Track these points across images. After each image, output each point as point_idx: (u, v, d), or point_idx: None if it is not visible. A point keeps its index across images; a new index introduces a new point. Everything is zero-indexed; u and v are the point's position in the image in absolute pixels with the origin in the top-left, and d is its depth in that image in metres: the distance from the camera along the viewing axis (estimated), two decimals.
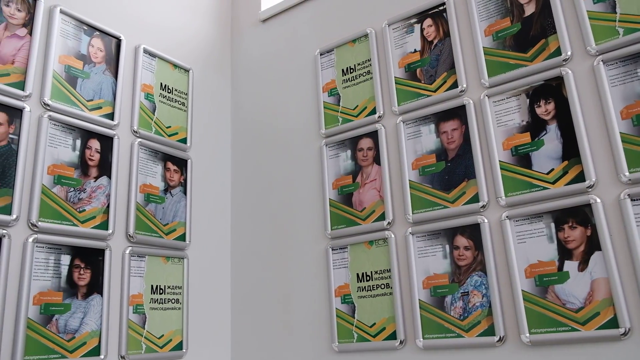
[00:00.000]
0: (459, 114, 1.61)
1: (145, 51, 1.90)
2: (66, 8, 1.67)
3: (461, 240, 1.53)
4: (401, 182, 1.67)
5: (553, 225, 1.39)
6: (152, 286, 1.72)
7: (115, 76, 1.78)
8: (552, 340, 1.33)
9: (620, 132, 1.34)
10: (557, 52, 1.47)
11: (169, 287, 1.77)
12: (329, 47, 1.96)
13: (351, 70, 1.89)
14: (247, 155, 2.12)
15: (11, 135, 1.46)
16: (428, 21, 1.75)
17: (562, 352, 1.32)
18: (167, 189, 1.86)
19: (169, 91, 1.97)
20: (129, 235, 1.68)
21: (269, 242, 1.95)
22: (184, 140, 1.97)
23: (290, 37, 2.12)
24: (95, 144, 1.66)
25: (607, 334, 1.27)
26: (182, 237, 1.85)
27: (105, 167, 1.67)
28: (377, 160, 1.74)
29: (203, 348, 1.84)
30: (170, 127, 1.93)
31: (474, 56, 1.63)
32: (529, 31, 1.54)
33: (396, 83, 1.76)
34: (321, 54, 1.98)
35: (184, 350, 1.76)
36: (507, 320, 1.41)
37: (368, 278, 1.67)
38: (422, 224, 1.60)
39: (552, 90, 1.47)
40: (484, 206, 1.50)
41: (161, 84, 1.94)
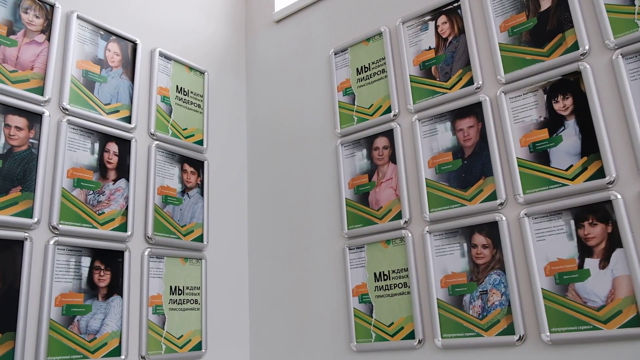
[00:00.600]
0: (475, 111, 1.60)
1: (161, 54, 1.92)
2: (83, 13, 1.69)
3: (479, 239, 1.51)
4: (417, 181, 1.66)
5: (573, 222, 1.37)
6: (171, 287, 1.74)
7: (132, 80, 1.80)
8: (573, 340, 1.31)
9: None
10: (575, 47, 1.45)
11: (187, 288, 1.79)
12: (343, 46, 1.96)
13: (366, 69, 1.88)
14: (263, 155, 2.13)
15: (31, 140, 1.48)
16: (442, 18, 1.73)
17: (584, 352, 1.30)
18: (185, 190, 1.87)
19: (184, 93, 1.98)
20: (148, 236, 1.70)
21: (286, 242, 1.96)
22: (200, 142, 1.98)
23: (304, 37, 2.12)
24: (113, 147, 1.68)
25: (629, 332, 1.25)
26: (200, 238, 1.87)
27: (123, 170, 1.69)
28: (392, 159, 1.74)
29: (222, 348, 1.85)
30: (186, 129, 1.95)
31: (489, 52, 1.61)
32: (545, 26, 1.52)
33: (411, 81, 1.75)
34: (335, 54, 1.98)
35: (203, 351, 1.77)
36: (527, 319, 1.39)
37: (385, 277, 1.67)
38: (439, 223, 1.59)
39: (570, 85, 1.44)
40: (501, 204, 1.49)
41: (177, 86, 1.96)
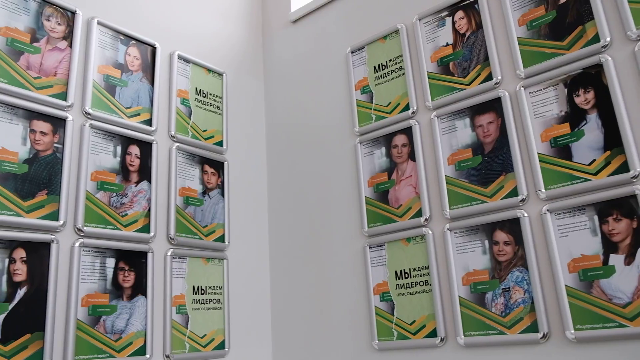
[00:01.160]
0: (494, 106, 1.58)
1: (180, 57, 1.95)
2: (103, 19, 1.72)
3: (501, 235, 1.50)
4: (437, 178, 1.66)
5: (596, 217, 1.35)
6: (193, 287, 1.76)
7: (152, 83, 1.82)
8: (598, 337, 1.29)
9: None
10: (596, 39, 1.43)
11: (209, 288, 1.81)
12: (359, 44, 1.96)
13: (383, 67, 1.88)
14: (282, 155, 2.14)
15: (56, 144, 1.51)
16: (459, 13, 1.72)
17: (610, 349, 1.28)
18: (205, 191, 1.89)
19: (203, 95, 2.00)
20: (170, 237, 1.72)
21: (307, 241, 1.96)
22: (220, 143, 2.00)
23: (320, 37, 2.12)
24: (135, 149, 1.71)
25: None
26: (221, 239, 1.89)
27: (145, 172, 1.72)
28: (412, 156, 1.73)
29: (245, 347, 1.87)
30: (206, 130, 1.97)
31: (508, 47, 1.59)
32: (564, 18, 1.50)
33: (429, 78, 1.74)
34: (352, 52, 1.98)
35: (226, 349, 1.79)
36: (551, 316, 1.38)
37: (406, 275, 1.66)
38: (460, 220, 1.58)
39: (591, 78, 1.42)
40: (523, 200, 1.47)
41: (196, 88, 1.98)
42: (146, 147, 1.74)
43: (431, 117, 1.70)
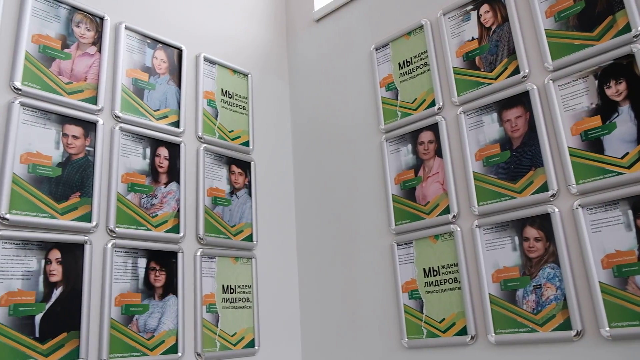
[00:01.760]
0: (522, 100, 1.56)
1: (206, 59, 1.97)
2: (130, 24, 1.75)
3: (531, 232, 1.47)
4: (465, 174, 1.64)
5: (630, 212, 1.32)
6: (223, 286, 1.78)
7: (179, 85, 1.85)
8: (635, 335, 1.26)
9: None
10: (627, 29, 1.39)
11: (239, 287, 1.83)
12: (384, 41, 1.95)
13: (408, 64, 1.87)
14: (308, 154, 2.15)
15: (87, 148, 1.55)
16: (485, 7, 1.70)
17: None
18: (233, 191, 1.91)
19: (229, 96, 2.02)
20: (199, 237, 1.75)
21: (334, 240, 1.97)
22: (246, 144, 2.02)
23: (344, 35, 2.12)
24: (163, 151, 1.74)
25: None
26: (250, 238, 1.91)
27: (174, 173, 1.74)
28: (438, 152, 1.72)
29: (274, 345, 1.88)
30: (232, 131, 1.99)
31: (535, 39, 1.56)
32: (594, 8, 1.46)
33: (455, 73, 1.72)
34: (376, 49, 1.97)
35: (256, 348, 1.81)
36: (585, 313, 1.35)
37: (435, 273, 1.65)
38: (489, 216, 1.56)
39: (623, 69, 1.38)
40: (553, 195, 1.44)
41: (222, 89, 2.00)
42: (174, 149, 1.77)
43: (457, 113, 1.68)
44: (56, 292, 1.40)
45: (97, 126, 1.58)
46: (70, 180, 1.49)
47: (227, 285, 1.79)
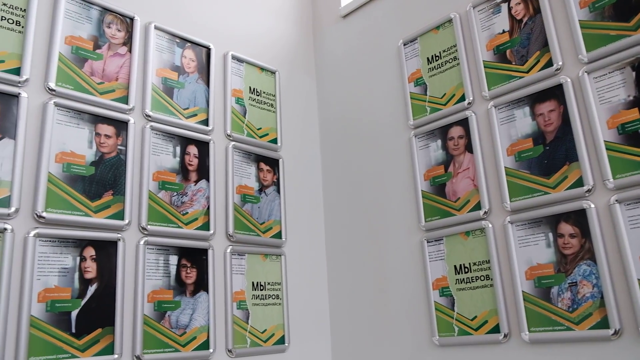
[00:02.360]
0: (555, 93, 1.52)
1: (234, 57, 1.98)
2: (160, 24, 1.77)
3: (566, 228, 1.44)
4: (496, 170, 1.61)
5: None
6: (252, 283, 1.79)
7: (207, 84, 1.86)
8: None
9: None
10: None
11: (268, 284, 1.83)
12: (412, 36, 1.93)
13: (436, 58, 1.84)
14: (337, 151, 2.14)
15: (119, 147, 1.58)
16: None
17: None
18: (262, 188, 1.92)
19: (257, 94, 2.03)
20: (229, 234, 1.76)
21: (363, 236, 1.96)
22: (274, 141, 2.02)
23: (371, 30, 2.10)
24: (193, 149, 1.75)
25: None
26: (279, 235, 1.91)
27: (203, 171, 1.76)
28: (469, 148, 1.69)
29: (304, 342, 1.89)
30: (260, 128, 1.99)
31: (569, 31, 1.53)
32: None
33: (485, 67, 1.69)
34: (404, 44, 1.95)
35: (286, 344, 1.81)
36: (623, 311, 1.31)
37: (466, 270, 1.63)
38: (522, 212, 1.53)
39: None
40: (589, 190, 1.41)
41: (250, 87, 2.01)
42: (204, 147, 1.78)
43: (488, 107, 1.65)
44: (91, 289, 1.42)
45: (129, 125, 1.60)
46: (103, 179, 1.52)
47: (257, 282, 1.80)
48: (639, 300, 1.27)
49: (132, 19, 1.71)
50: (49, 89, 1.46)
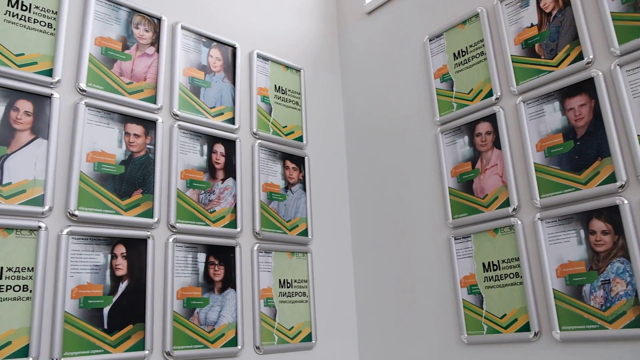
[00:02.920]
0: (586, 87, 1.49)
1: (259, 56, 1.99)
2: (186, 24, 1.79)
3: (598, 224, 1.41)
4: (525, 166, 1.59)
5: None
6: (279, 280, 1.80)
7: (233, 82, 1.88)
8: None
9: None
10: None
11: (295, 281, 1.84)
12: (437, 31, 1.91)
13: (463, 53, 1.82)
14: (362, 148, 2.13)
15: (148, 146, 1.60)
16: None
17: None
18: (288, 186, 1.93)
19: (282, 92, 2.04)
20: (256, 232, 1.77)
21: (389, 234, 1.95)
22: (300, 139, 2.03)
23: (397, 26, 2.09)
24: (220, 148, 1.77)
25: None
26: (305, 233, 1.92)
27: (230, 169, 1.77)
28: (496, 144, 1.67)
29: (331, 339, 1.89)
30: (286, 126, 2.00)
31: (600, 24, 1.49)
32: None
33: (513, 61, 1.67)
34: (430, 40, 1.93)
35: (313, 342, 1.82)
36: None
37: (495, 267, 1.61)
38: (552, 209, 1.50)
39: None
40: (622, 186, 1.38)
41: (275, 85, 2.02)
42: (230, 145, 1.80)
43: (516, 103, 1.63)
44: (122, 286, 1.45)
45: (157, 124, 1.62)
46: (133, 178, 1.54)
47: (284, 280, 1.81)
48: None
49: (159, 20, 1.73)
50: (80, 89, 1.49)
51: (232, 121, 1.83)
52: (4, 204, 1.30)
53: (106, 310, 1.40)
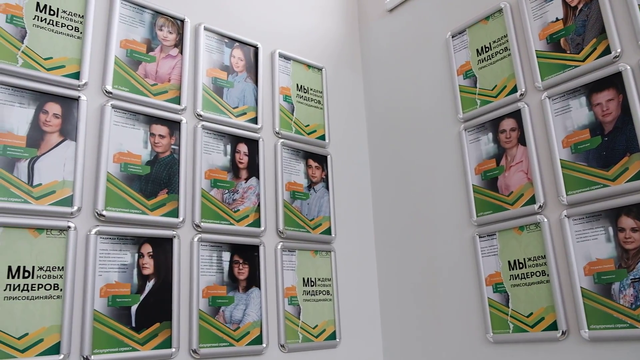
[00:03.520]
0: (614, 82, 1.46)
1: (281, 55, 2.00)
2: (209, 25, 1.81)
3: (627, 222, 1.38)
4: (551, 162, 1.56)
5: None
6: (303, 279, 1.81)
7: (256, 82, 1.89)
8: None
9: None
10: None
11: (319, 280, 1.85)
12: (460, 28, 1.90)
13: (486, 49, 1.81)
14: (384, 146, 2.13)
15: (173, 146, 1.62)
16: None
17: None
18: (310, 185, 1.93)
19: (304, 91, 2.04)
20: (279, 231, 1.78)
21: (413, 232, 1.94)
22: (322, 137, 2.03)
23: (418, 23, 2.08)
24: (243, 147, 1.78)
25: None
26: (328, 231, 1.92)
27: (253, 169, 1.78)
28: (521, 140, 1.65)
29: (355, 338, 1.89)
30: (308, 125, 2.00)
31: (628, 16, 1.46)
32: None
33: (538, 57, 1.64)
34: (453, 36, 1.92)
35: (337, 340, 1.82)
36: None
37: (521, 265, 1.59)
38: (579, 206, 1.48)
39: None
40: None
41: (297, 84, 2.03)
42: (253, 145, 1.81)
43: (542, 98, 1.61)
44: (149, 284, 1.47)
45: (181, 125, 1.64)
46: (158, 178, 1.56)
47: (308, 278, 1.82)
48: None
49: (182, 21, 1.75)
50: (106, 91, 1.52)
51: (254, 121, 1.84)
52: (35, 204, 1.33)
53: (134, 308, 1.43)
